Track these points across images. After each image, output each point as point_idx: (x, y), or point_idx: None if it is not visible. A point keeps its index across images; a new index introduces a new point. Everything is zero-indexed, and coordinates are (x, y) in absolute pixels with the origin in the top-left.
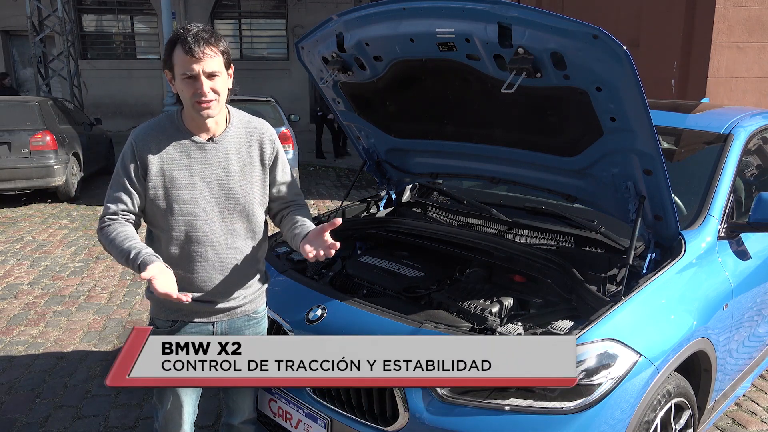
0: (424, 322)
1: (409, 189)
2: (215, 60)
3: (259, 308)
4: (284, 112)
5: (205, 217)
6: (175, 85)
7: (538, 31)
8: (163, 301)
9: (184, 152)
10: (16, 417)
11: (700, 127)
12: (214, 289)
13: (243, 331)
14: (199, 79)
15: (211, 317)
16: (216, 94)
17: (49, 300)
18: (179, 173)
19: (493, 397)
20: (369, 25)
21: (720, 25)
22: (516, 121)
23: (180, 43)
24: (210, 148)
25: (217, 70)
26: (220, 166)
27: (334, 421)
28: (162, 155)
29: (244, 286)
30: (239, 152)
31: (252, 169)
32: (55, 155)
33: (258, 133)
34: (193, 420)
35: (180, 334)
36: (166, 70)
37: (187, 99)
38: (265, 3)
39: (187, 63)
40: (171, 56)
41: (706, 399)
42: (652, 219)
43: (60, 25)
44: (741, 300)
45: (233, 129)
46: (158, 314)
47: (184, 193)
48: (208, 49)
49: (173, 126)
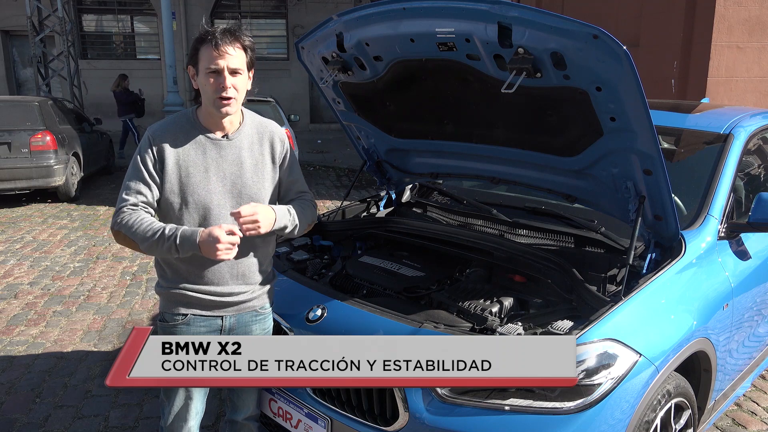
0: (424, 322)
1: (409, 189)
2: (240, 57)
3: (266, 304)
4: (284, 112)
5: (218, 212)
6: (197, 81)
7: (538, 31)
8: (174, 295)
9: (199, 148)
10: (16, 417)
11: (700, 127)
12: (224, 283)
13: (250, 326)
14: (223, 74)
15: (221, 311)
16: (236, 92)
17: (49, 300)
18: (194, 168)
19: (493, 397)
20: (369, 25)
21: (720, 25)
22: (516, 121)
23: (209, 40)
24: (225, 144)
25: (240, 68)
26: (234, 162)
27: (334, 421)
28: (178, 150)
29: (253, 281)
30: (252, 150)
31: (264, 166)
32: (55, 155)
33: (269, 133)
34: (200, 418)
35: (190, 326)
36: (189, 66)
37: (209, 94)
38: (265, 3)
39: (213, 58)
40: (198, 51)
41: (706, 399)
42: (652, 219)
43: (60, 25)
44: (741, 300)
45: (246, 128)
46: (168, 308)
47: (198, 188)
48: (235, 45)
49: (189, 123)
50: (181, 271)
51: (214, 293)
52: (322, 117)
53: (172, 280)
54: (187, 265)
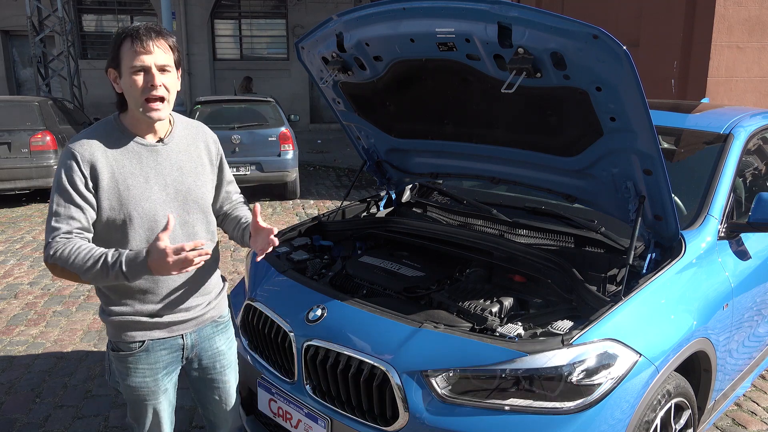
0: (424, 322)
1: (409, 189)
2: (167, 54)
3: (224, 312)
4: (284, 112)
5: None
6: (121, 84)
7: (538, 31)
8: (124, 323)
9: (134, 157)
10: (16, 417)
11: (700, 127)
12: (179, 299)
13: (213, 338)
14: (151, 72)
15: (180, 329)
16: (167, 91)
17: (49, 300)
18: (133, 179)
19: (493, 397)
20: (369, 25)
21: (720, 25)
22: (516, 121)
23: (129, 37)
24: (161, 149)
25: (168, 65)
26: (174, 167)
27: (334, 421)
28: (111, 163)
29: (208, 292)
30: (189, 153)
31: (203, 169)
32: (55, 155)
33: (202, 134)
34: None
35: (150, 353)
36: (110, 69)
37: (137, 96)
38: (265, 3)
39: (137, 55)
40: (119, 52)
41: (706, 399)
42: (652, 219)
43: (60, 25)
44: (741, 300)
45: (178, 130)
46: (119, 338)
47: (142, 200)
48: (159, 41)
49: (115, 131)
50: (129, 294)
51: (168, 312)
52: (322, 117)
53: (120, 305)
54: (135, 287)
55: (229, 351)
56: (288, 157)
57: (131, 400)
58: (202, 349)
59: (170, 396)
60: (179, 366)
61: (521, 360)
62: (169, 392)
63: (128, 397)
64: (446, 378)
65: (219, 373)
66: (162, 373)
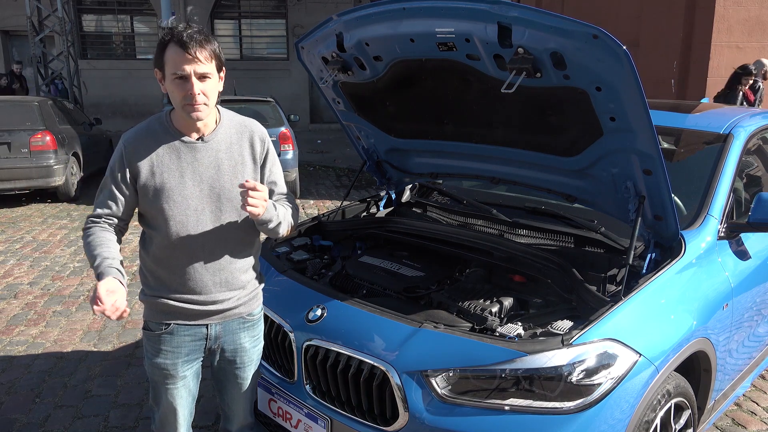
0: (424, 322)
1: (409, 189)
2: (208, 63)
3: (255, 310)
4: (284, 112)
5: (197, 218)
6: (165, 85)
7: (538, 31)
8: (157, 304)
9: (173, 153)
10: (16, 417)
11: (700, 127)
12: (206, 291)
13: (238, 333)
14: (190, 80)
15: (205, 320)
16: (206, 97)
17: (49, 300)
18: (169, 174)
19: (493, 397)
20: (369, 25)
21: (720, 25)
22: (516, 121)
23: (173, 43)
24: (200, 147)
25: (208, 72)
26: (211, 165)
27: (334, 421)
28: (152, 157)
29: (238, 288)
30: (230, 151)
31: (243, 167)
32: (55, 155)
33: (249, 132)
34: (190, 422)
35: (174, 336)
36: (156, 69)
37: (177, 100)
38: (265, 3)
39: (179, 63)
40: (163, 55)
41: (705, 399)
42: (652, 219)
43: (60, 25)
44: (741, 300)
45: (223, 128)
46: (151, 317)
47: (174, 194)
48: (201, 50)
49: (162, 128)
50: (162, 279)
51: (196, 302)
52: (322, 117)
53: (154, 288)
54: (167, 273)
55: (252, 349)
56: (288, 157)
57: (152, 380)
58: (225, 342)
59: (190, 385)
60: (201, 356)
61: (521, 360)
62: (189, 381)
63: (150, 377)
64: (446, 378)
65: (239, 368)
66: (183, 359)
